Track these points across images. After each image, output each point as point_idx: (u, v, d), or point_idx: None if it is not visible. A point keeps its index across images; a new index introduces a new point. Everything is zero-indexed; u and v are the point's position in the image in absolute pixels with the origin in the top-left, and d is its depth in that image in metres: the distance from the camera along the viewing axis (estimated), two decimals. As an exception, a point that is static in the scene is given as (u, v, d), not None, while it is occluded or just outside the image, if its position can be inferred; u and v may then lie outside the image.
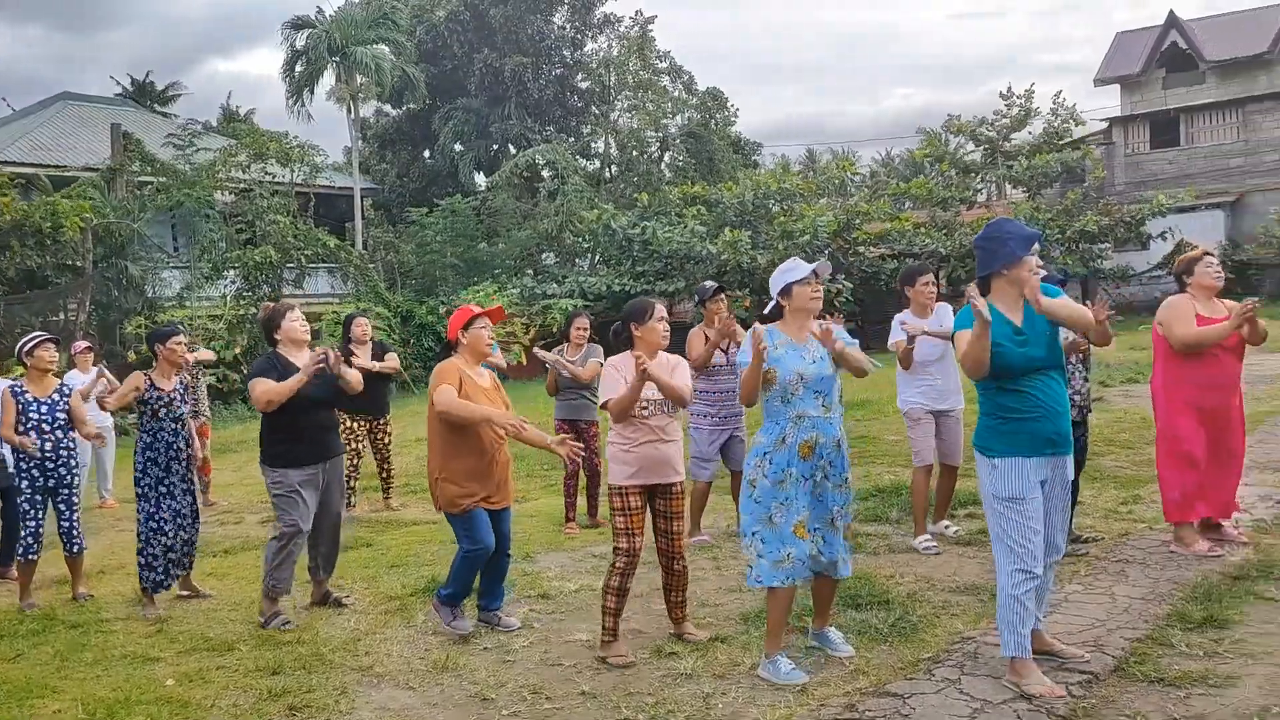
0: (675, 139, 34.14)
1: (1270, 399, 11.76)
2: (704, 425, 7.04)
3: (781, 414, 4.51)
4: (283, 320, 5.99)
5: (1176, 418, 6.06)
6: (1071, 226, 25.92)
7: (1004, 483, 4.23)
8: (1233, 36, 33.60)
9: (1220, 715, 3.79)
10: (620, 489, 4.92)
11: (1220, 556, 5.76)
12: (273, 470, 5.83)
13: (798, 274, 4.61)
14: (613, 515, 4.96)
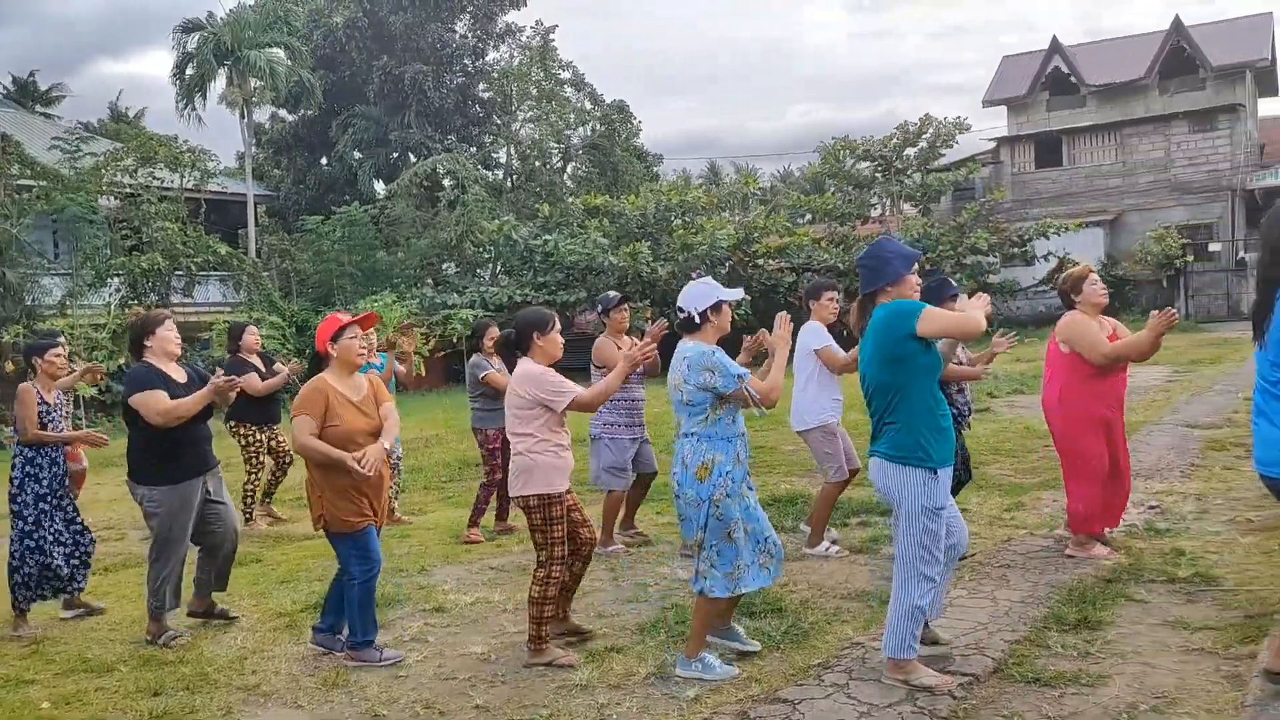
0: (578, 150, 34.22)
1: (1143, 409, 12.32)
2: (620, 435, 7.05)
3: (732, 432, 4.61)
4: (158, 329, 5.68)
5: (1082, 436, 6.13)
6: (962, 243, 26.76)
7: (941, 493, 4.29)
8: (1112, 63, 35.20)
9: (1091, 713, 3.95)
10: (558, 498, 4.92)
11: (1110, 559, 5.99)
12: (149, 487, 5.55)
13: (732, 295, 4.72)
14: (551, 525, 4.90)
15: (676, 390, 4.62)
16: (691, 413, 4.57)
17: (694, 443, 4.56)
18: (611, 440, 7.02)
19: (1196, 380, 15.46)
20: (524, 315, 5.17)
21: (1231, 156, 31.99)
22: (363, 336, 5.28)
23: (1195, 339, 23.71)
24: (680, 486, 4.61)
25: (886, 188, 30.01)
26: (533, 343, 5.00)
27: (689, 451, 4.57)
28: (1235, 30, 34.77)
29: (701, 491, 4.52)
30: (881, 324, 4.34)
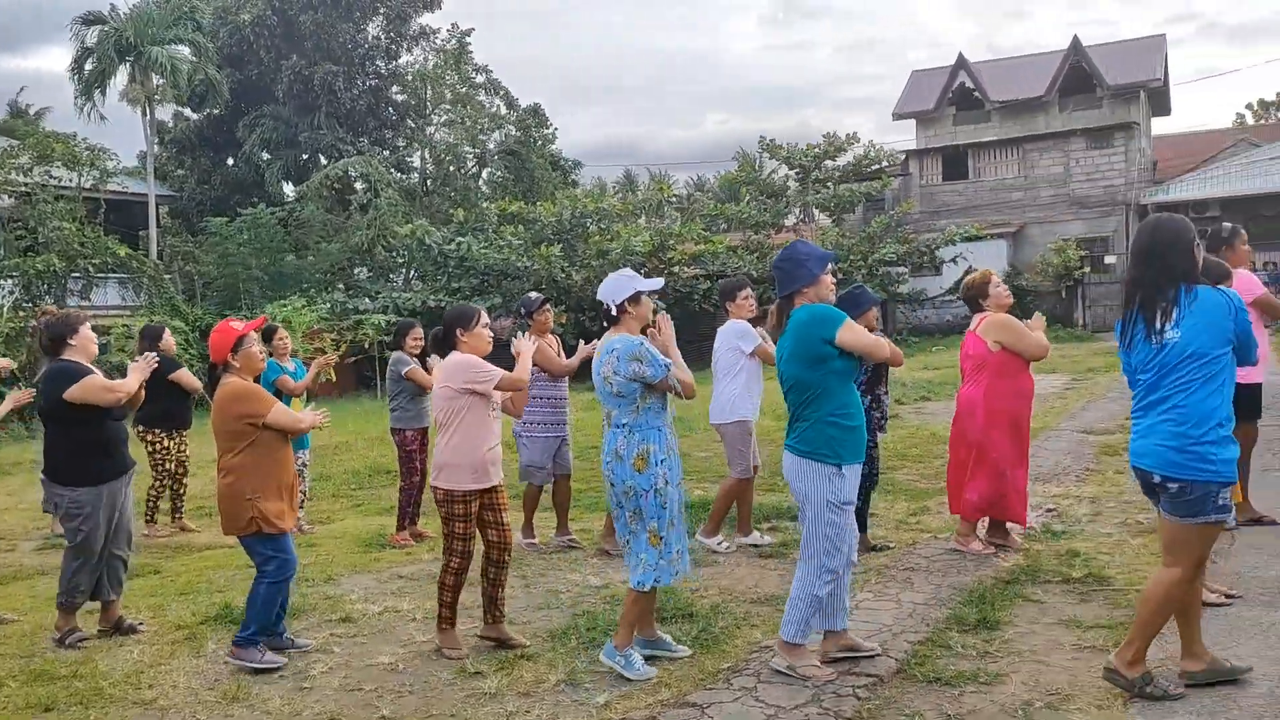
0: (494, 155, 33.98)
1: (1042, 416, 12.71)
2: (539, 434, 7.10)
3: (662, 421, 4.68)
4: (80, 327, 5.68)
5: (994, 430, 6.39)
6: (873, 253, 27.32)
7: (848, 489, 4.45)
8: (1015, 80, 36.29)
9: (989, 711, 4.06)
10: (463, 495, 4.99)
11: (993, 559, 6.17)
12: (74, 489, 5.50)
13: (649, 285, 4.78)
14: (453, 521, 5.02)
15: (607, 382, 4.65)
16: (623, 404, 4.62)
17: (626, 434, 4.61)
18: (530, 438, 7.09)
19: (1092, 388, 16.03)
20: (450, 312, 5.29)
21: (1126, 173, 33.27)
22: (259, 342, 5.30)
23: (1092, 348, 24.54)
24: (618, 479, 4.63)
25: (802, 196, 30.50)
26: (457, 338, 5.09)
27: (622, 443, 4.61)
28: (1130, 51, 36.17)
29: (642, 482, 4.57)
30: (803, 325, 4.46)
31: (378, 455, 12.30)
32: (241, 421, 5.06)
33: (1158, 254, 3.96)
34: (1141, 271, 4.01)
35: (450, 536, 5.06)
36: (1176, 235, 3.96)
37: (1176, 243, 3.94)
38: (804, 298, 4.54)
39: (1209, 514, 3.82)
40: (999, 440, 6.40)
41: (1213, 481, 3.80)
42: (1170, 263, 3.93)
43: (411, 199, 31.09)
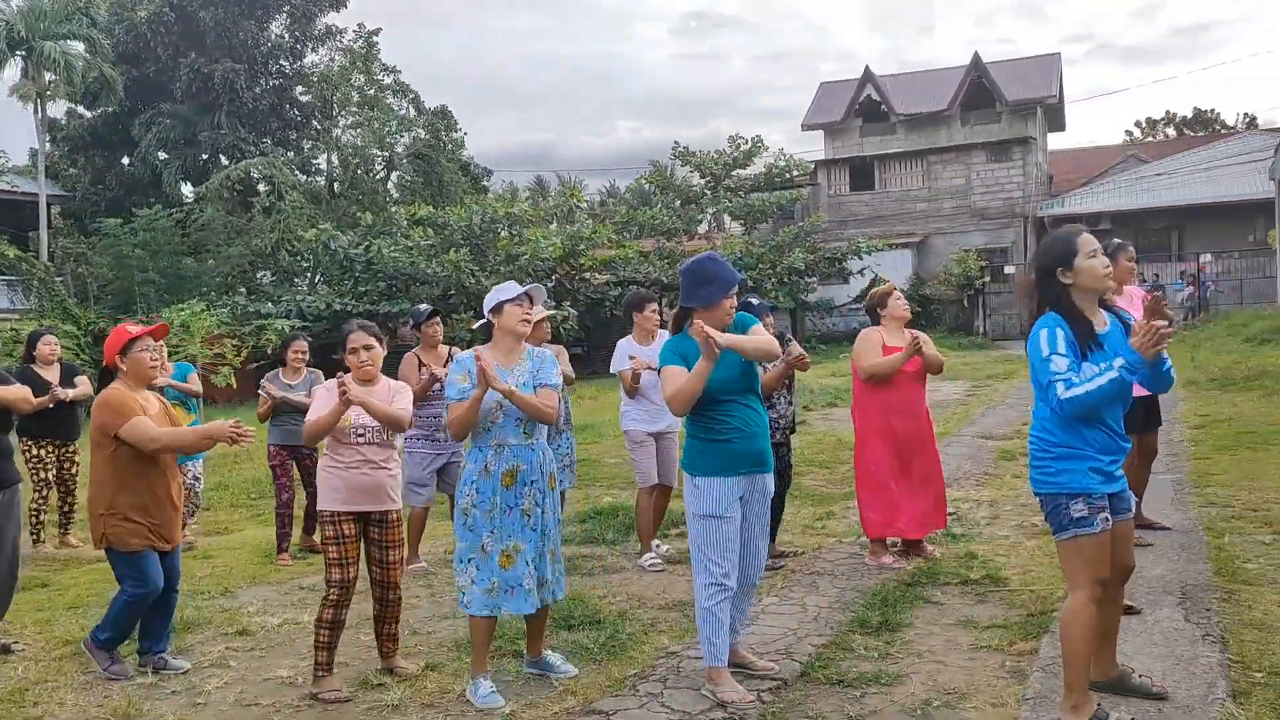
0: (402, 158, 33.51)
1: (945, 422, 13.02)
2: (418, 450, 6.94)
3: (484, 442, 4.52)
4: None
5: (867, 443, 6.53)
6: (782, 262, 27.70)
7: (704, 500, 4.39)
8: (920, 94, 37.28)
9: (889, 711, 4.13)
10: (333, 515, 4.74)
11: (900, 568, 6.28)
12: None
13: (509, 293, 4.64)
14: (325, 544, 4.78)
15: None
16: None
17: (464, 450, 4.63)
18: (410, 455, 6.91)
19: (991, 394, 16.49)
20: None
21: (1024, 186, 34.35)
22: (154, 349, 5.05)
23: (991, 355, 25.26)
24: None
25: (714, 203, 30.80)
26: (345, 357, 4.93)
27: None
28: (1028, 69, 37.44)
29: (459, 499, 4.54)
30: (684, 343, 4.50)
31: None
32: (101, 431, 4.85)
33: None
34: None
35: (327, 565, 4.75)
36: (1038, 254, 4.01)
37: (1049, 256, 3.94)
38: (700, 315, 4.43)
39: (1067, 528, 3.75)
40: (875, 452, 6.49)
41: (1059, 494, 3.76)
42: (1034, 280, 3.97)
43: (317, 202, 30.46)
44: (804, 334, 30.98)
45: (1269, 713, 3.80)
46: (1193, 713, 3.88)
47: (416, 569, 6.82)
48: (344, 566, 4.70)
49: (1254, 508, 7.30)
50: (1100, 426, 3.78)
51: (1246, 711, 3.83)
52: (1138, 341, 3.57)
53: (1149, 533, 6.54)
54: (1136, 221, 32.52)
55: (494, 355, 4.58)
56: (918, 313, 30.85)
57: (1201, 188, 33.28)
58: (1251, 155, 32.69)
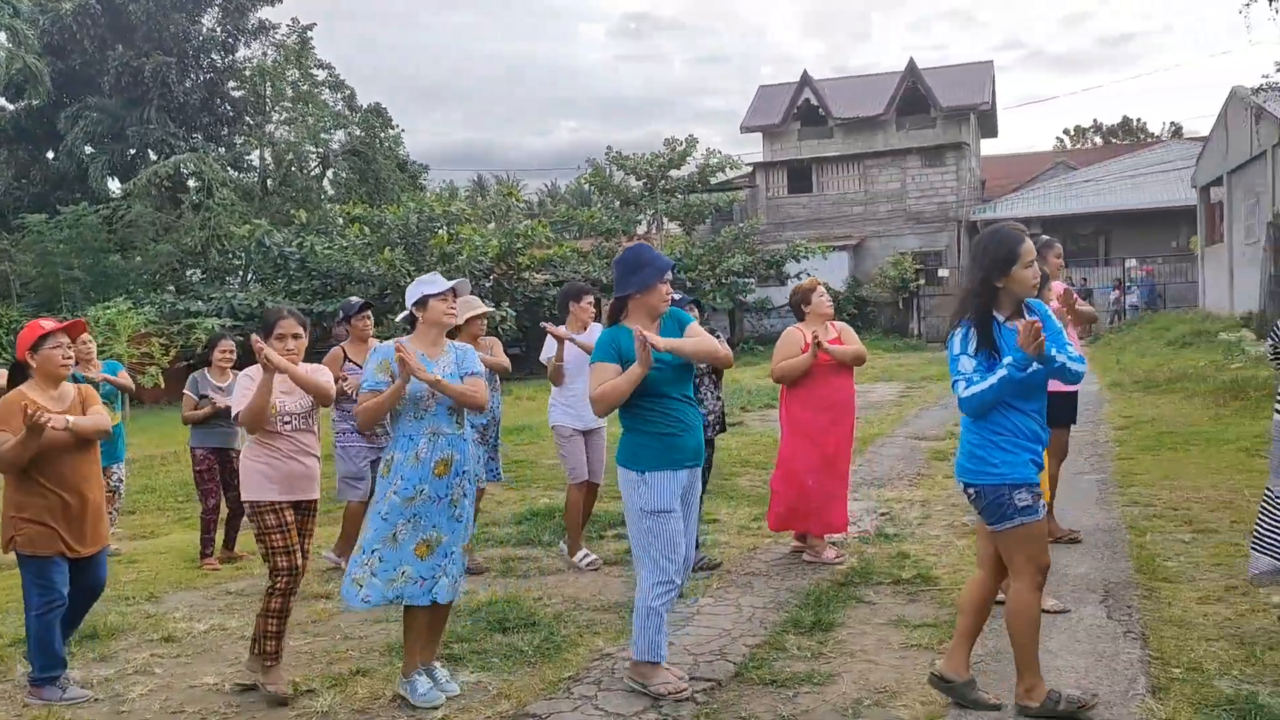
0: (338, 155, 33.04)
1: (879, 423, 13.21)
2: (352, 443, 6.84)
3: (416, 430, 4.45)
4: None
5: (791, 439, 6.59)
6: (721, 263, 27.85)
7: (653, 497, 4.37)
8: (856, 98, 37.73)
9: (820, 710, 4.17)
10: (272, 506, 4.67)
11: (839, 564, 6.34)
12: None
13: (434, 288, 4.59)
14: (267, 535, 4.66)
15: None
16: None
17: (387, 440, 4.56)
18: (344, 449, 6.84)
19: (925, 395, 16.75)
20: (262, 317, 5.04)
21: (957, 190, 34.99)
22: (68, 346, 4.83)
23: (925, 357, 25.68)
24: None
25: (652, 205, 30.87)
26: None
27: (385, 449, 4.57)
28: (961, 75, 38.10)
29: (380, 489, 4.47)
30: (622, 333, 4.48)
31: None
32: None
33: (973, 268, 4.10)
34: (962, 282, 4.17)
35: (271, 554, 4.65)
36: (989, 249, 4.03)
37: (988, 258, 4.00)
38: (636, 303, 4.49)
39: (1012, 517, 3.87)
40: (798, 449, 6.53)
41: (1001, 484, 3.86)
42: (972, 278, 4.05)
43: (249, 199, 29.93)
44: (742, 335, 31.18)
45: (1186, 707, 3.90)
46: (1114, 708, 3.97)
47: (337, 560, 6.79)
48: (290, 554, 4.66)
49: (1174, 506, 7.50)
50: (1034, 417, 3.92)
51: (1165, 707, 3.93)
52: (1019, 340, 3.74)
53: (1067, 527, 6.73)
54: (1065, 226, 33.29)
55: (420, 346, 4.53)
56: (854, 314, 31.42)
57: (1127, 194, 34.21)
58: (1175, 163, 33.69)
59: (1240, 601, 5.20)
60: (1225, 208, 24.71)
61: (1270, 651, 4.45)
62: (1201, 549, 6.31)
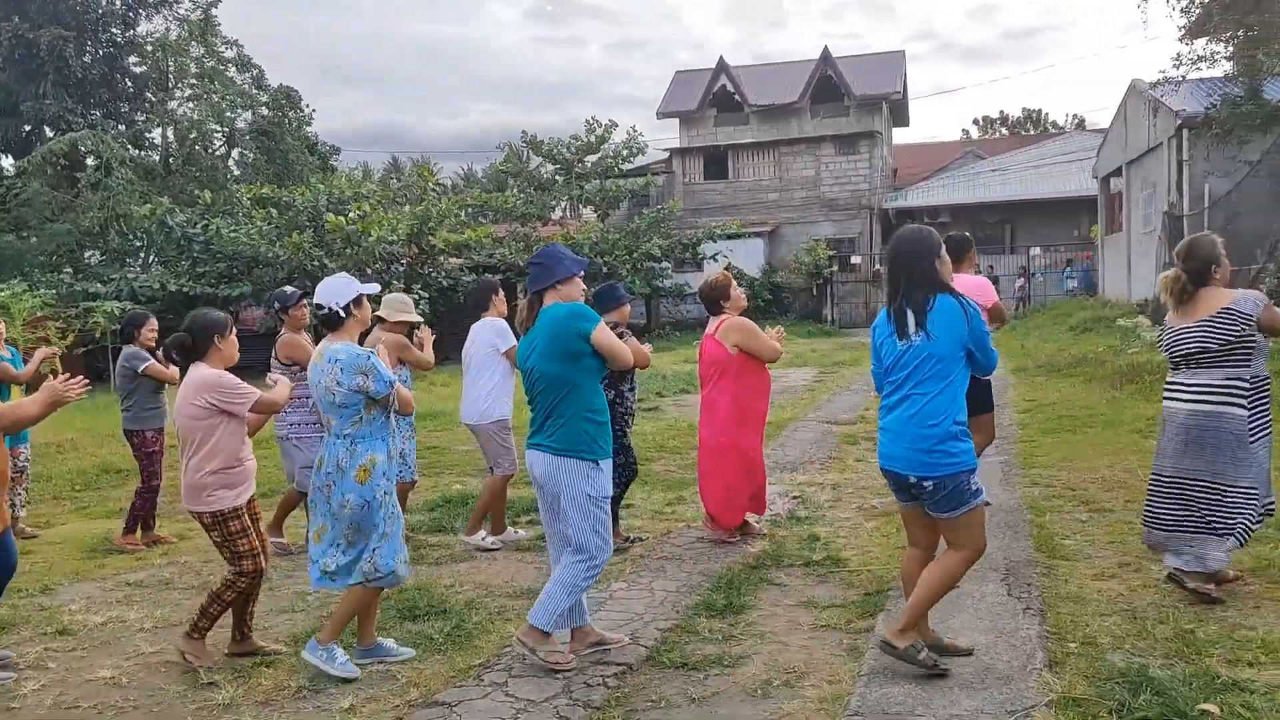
0: (244, 135, 32.12)
1: (792, 407, 13.37)
2: (308, 435, 6.73)
3: (387, 430, 4.60)
4: None
5: (740, 429, 6.54)
6: (637, 248, 27.85)
7: (606, 483, 4.51)
8: (772, 85, 38.01)
9: (730, 692, 4.21)
10: (233, 510, 4.69)
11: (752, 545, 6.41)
12: None
13: (368, 289, 4.68)
14: (233, 540, 4.69)
15: (329, 393, 4.49)
16: (345, 415, 4.50)
17: (348, 445, 4.50)
18: (299, 440, 6.72)
19: (838, 380, 17.00)
20: (200, 318, 4.82)
21: (870, 178, 35.52)
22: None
23: (838, 342, 26.07)
24: (339, 491, 4.48)
25: (567, 190, 30.72)
26: (213, 346, 4.73)
27: (344, 454, 4.49)
28: (874, 64, 38.65)
29: (364, 493, 4.46)
30: (558, 321, 4.46)
31: (107, 454, 11.41)
32: None
33: (908, 262, 4.17)
34: (894, 277, 4.22)
35: (238, 556, 4.69)
36: (925, 244, 4.18)
37: (926, 251, 4.16)
38: (556, 294, 4.56)
39: (969, 502, 4.06)
40: (755, 441, 6.64)
41: (961, 472, 4.04)
42: (920, 270, 4.14)
43: (151, 178, 28.92)
44: (659, 320, 31.28)
45: (1081, 680, 4.03)
46: (1012, 682, 4.08)
47: (276, 542, 6.73)
48: (257, 556, 4.75)
49: (1072, 487, 7.75)
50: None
51: (1061, 680, 4.05)
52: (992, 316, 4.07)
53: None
54: (973, 215, 34.08)
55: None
56: (770, 300, 31.73)
57: (1032, 184, 35.14)
58: (1077, 154, 34.72)
59: (1133, 578, 5.40)
60: (1124, 198, 25.55)
61: (1160, 625, 4.63)
62: (1097, 527, 6.53)
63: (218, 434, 4.64)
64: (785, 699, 4.11)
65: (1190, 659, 4.21)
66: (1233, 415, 4.83)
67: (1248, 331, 4.79)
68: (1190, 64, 18.31)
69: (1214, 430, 4.86)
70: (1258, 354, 4.86)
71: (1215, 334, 4.82)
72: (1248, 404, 4.84)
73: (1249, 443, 4.83)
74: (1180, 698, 3.75)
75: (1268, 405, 4.91)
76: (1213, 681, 3.94)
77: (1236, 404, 4.83)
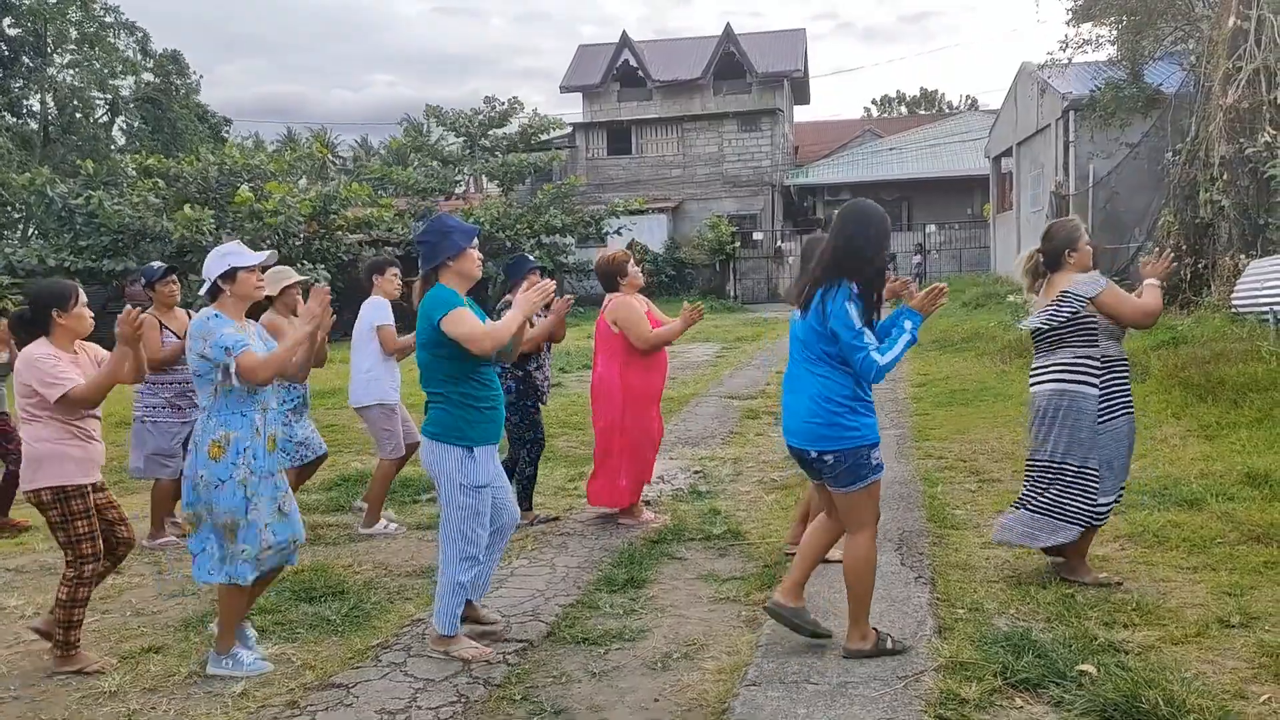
0: (129, 103, 30.85)
1: (694, 383, 13.48)
2: (162, 419, 6.44)
3: (250, 405, 4.27)
4: None
5: (646, 411, 6.49)
6: (539, 222, 27.65)
7: (480, 471, 4.36)
8: (675, 61, 38.04)
9: (631, 665, 4.24)
10: (79, 490, 4.42)
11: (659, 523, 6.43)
12: None
13: (243, 260, 4.37)
14: (73, 521, 4.40)
15: (191, 365, 4.27)
16: (201, 385, 4.25)
17: (205, 418, 4.24)
18: (154, 424, 6.44)
19: (739, 356, 17.20)
20: (42, 288, 4.60)
21: (772, 155, 35.90)
22: None
23: (740, 318, 26.34)
24: (191, 466, 4.24)
25: (471, 164, 30.31)
26: (53, 320, 4.47)
27: (200, 428, 4.24)
28: (776, 42, 38.98)
29: (219, 472, 4.17)
30: (423, 307, 4.38)
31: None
32: None
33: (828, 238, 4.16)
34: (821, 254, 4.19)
35: (75, 541, 4.40)
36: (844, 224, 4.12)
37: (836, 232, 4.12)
38: (449, 271, 4.41)
39: (867, 476, 4.08)
40: (654, 419, 6.59)
41: (861, 446, 4.06)
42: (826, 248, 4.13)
43: (29, 148, 27.60)
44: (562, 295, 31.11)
45: (968, 645, 4.17)
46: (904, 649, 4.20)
47: (164, 543, 6.42)
48: (96, 540, 4.48)
49: (963, 459, 7.99)
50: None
51: (949, 646, 4.19)
52: (921, 303, 4.10)
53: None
54: (871, 192, 34.68)
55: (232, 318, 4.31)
56: (674, 276, 31.88)
57: (927, 163, 35.98)
58: (972, 134, 35.60)
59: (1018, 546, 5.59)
60: (1014, 177, 26.31)
61: (1042, 591, 4.81)
62: (986, 497, 6.75)
63: (50, 410, 4.39)
64: (685, 670, 4.16)
65: (1070, 622, 4.38)
66: (1082, 393, 4.83)
67: (1084, 313, 4.81)
68: (1076, 48, 18.95)
69: (1066, 409, 4.86)
70: (1103, 334, 4.85)
71: (1054, 316, 4.91)
72: (1099, 383, 4.83)
73: (1098, 422, 4.83)
74: (1060, 659, 3.90)
75: (1124, 386, 4.91)
76: (1090, 643, 4.12)
77: (1086, 382, 4.83)
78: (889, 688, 3.85)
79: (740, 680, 3.99)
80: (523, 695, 3.98)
